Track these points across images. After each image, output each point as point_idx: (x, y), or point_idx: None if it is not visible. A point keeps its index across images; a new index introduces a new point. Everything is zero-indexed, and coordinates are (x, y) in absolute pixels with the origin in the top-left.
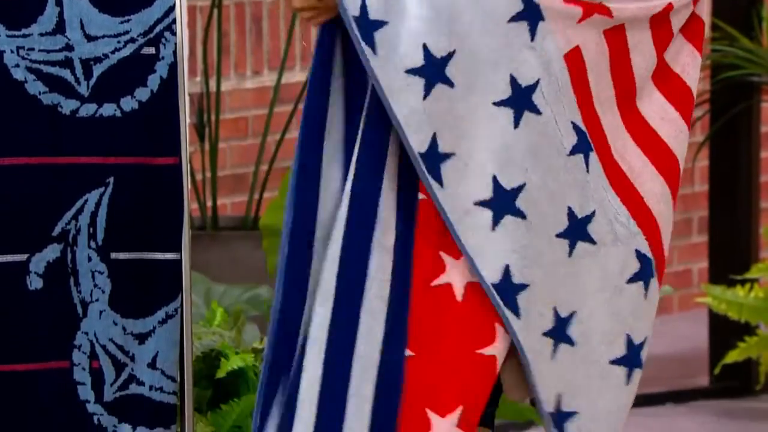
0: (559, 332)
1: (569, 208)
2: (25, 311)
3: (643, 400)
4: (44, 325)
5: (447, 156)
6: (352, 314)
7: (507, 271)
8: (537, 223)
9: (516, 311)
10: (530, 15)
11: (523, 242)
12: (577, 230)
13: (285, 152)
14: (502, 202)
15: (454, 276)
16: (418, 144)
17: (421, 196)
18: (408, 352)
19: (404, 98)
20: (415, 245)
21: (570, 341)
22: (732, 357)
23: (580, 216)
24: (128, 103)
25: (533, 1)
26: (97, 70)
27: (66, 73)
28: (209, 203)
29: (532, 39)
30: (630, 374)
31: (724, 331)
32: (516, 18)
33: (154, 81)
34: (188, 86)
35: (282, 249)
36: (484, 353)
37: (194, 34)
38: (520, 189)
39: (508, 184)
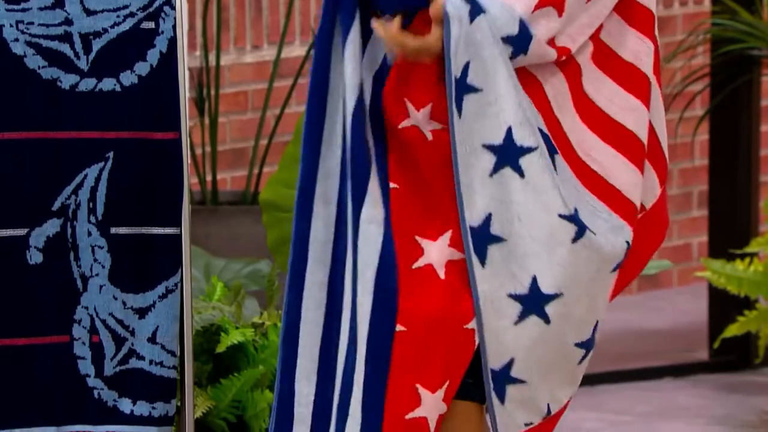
0: (534, 304)
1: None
2: (25, 286)
3: (641, 374)
4: (44, 300)
5: (473, 89)
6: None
7: (488, 219)
8: (535, 188)
9: (482, 259)
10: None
11: (514, 198)
12: (572, 218)
13: (285, 126)
14: (509, 154)
15: (433, 256)
16: (455, 69)
17: (392, 185)
18: (399, 327)
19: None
20: (392, 232)
21: (545, 318)
22: (731, 331)
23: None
24: (128, 78)
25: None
26: (97, 44)
27: (65, 48)
28: (209, 178)
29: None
30: (585, 356)
31: (724, 305)
32: None
33: (153, 55)
34: (188, 61)
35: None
36: (468, 327)
37: (194, 8)
38: (528, 150)
39: (519, 140)
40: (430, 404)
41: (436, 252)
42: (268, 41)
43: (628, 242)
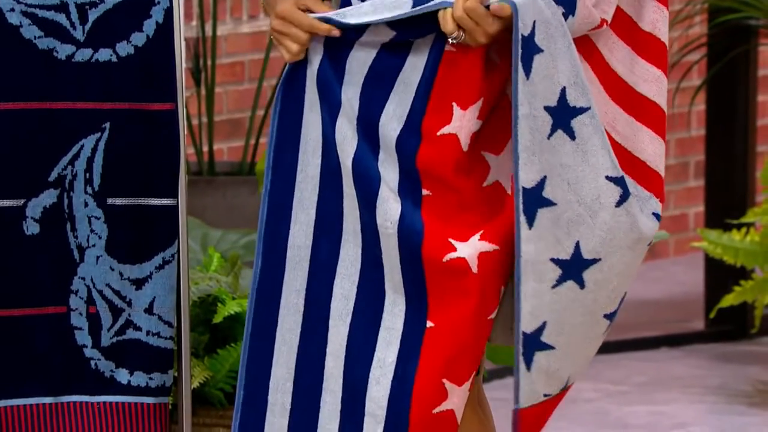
0: (573, 270)
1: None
2: (22, 256)
3: (638, 344)
4: (41, 271)
5: (540, 49)
6: (377, 289)
7: (542, 183)
8: (585, 150)
9: (531, 221)
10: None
11: (564, 161)
12: (620, 180)
13: None
14: (562, 116)
15: (465, 251)
16: (523, 27)
17: (425, 191)
18: (429, 323)
19: None
20: (424, 233)
21: (581, 283)
22: (727, 301)
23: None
24: (124, 48)
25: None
26: (93, 14)
27: (61, 18)
28: (206, 148)
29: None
30: (606, 330)
31: (720, 276)
32: None
33: (149, 26)
34: (184, 31)
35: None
36: (491, 318)
37: None
38: (580, 111)
39: (571, 101)
40: (458, 397)
41: (468, 247)
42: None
43: (656, 214)
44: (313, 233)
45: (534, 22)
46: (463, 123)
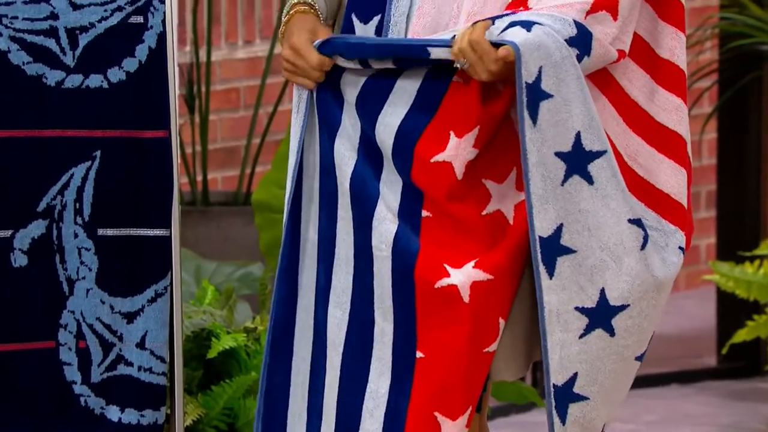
0: (601, 317)
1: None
2: (10, 289)
3: (648, 381)
4: (29, 304)
5: (547, 95)
6: (367, 318)
7: (559, 231)
8: (604, 194)
9: (551, 271)
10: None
11: (583, 207)
12: (640, 223)
13: (278, 125)
14: (578, 161)
15: (458, 278)
16: (527, 74)
17: (425, 213)
18: (418, 354)
19: None
20: (418, 255)
21: (611, 331)
22: (740, 336)
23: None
24: (115, 74)
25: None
26: (83, 39)
27: (51, 43)
28: (199, 178)
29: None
30: (638, 367)
31: (732, 310)
32: None
33: (142, 51)
34: (177, 56)
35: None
36: (488, 351)
37: (183, 2)
38: (596, 155)
39: (587, 145)
40: (452, 431)
41: (461, 275)
42: (260, 36)
43: (681, 248)
44: (317, 258)
45: (540, 68)
46: (458, 151)
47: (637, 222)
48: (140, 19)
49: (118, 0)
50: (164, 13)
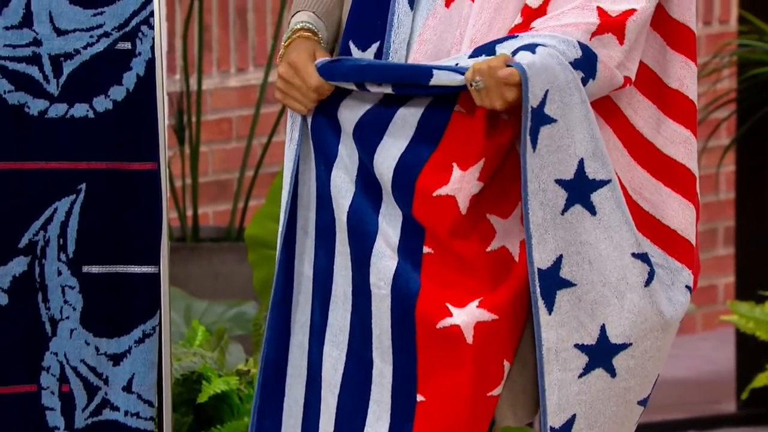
0: (601, 356)
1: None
2: None
3: (663, 428)
4: (9, 346)
5: (550, 120)
6: (365, 358)
7: (558, 262)
8: (607, 225)
9: (550, 305)
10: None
11: (585, 239)
12: (645, 257)
13: (272, 156)
14: (580, 189)
15: (461, 318)
16: (533, 98)
17: (426, 249)
18: (419, 397)
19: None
20: (419, 294)
21: (612, 371)
22: (761, 381)
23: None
24: (102, 103)
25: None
26: (68, 67)
27: (34, 71)
28: (190, 212)
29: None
30: (641, 413)
31: (753, 353)
32: None
33: (129, 79)
34: (167, 85)
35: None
36: (492, 395)
37: (173, 27)
38: (600, 183)
39: (590, 173)
40: None
41: (465, 315)
42: (254, 64)
43: (688, 287)
44: (312, 293)
45: (546, 91)
46: (462, 185)
47: (642, 256)
48: (128, 45)
49: (104, 25)
50: (153, 39)
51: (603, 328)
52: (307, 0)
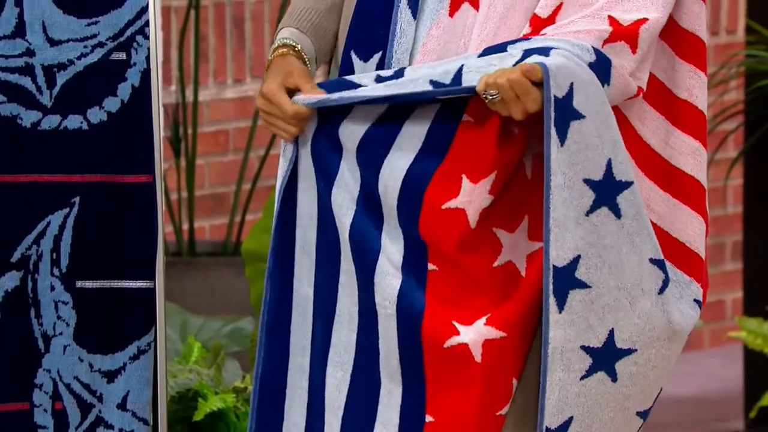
0: (605, 359)
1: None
2: None
3: None
4: (1, 363)
5: (580, 115)
6: (373, 379)
7: (575, 262)
8: (629, 229)
9: (561, 304)
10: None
11: (607, 242)
12: (662, 264)
13: (269, 169)
14: (608, 191)
15: (469, 337)
16: (556, 89)
17: (431, 266)
18: (428, 418)
19: None
20: (425, 312)
21: (613, 376)
22: None
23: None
24: (96, 115)
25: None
26: (61, 77)
27: (26, 81)
28: (185, 226)
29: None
30: (641, 427)
31: (761, 370)
32: None
33: (124, 90)
34: (162, 96)
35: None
36: (501, 414)
37: (169, 37)
38: (625, 185)
39: (617, 174)
40: None
41: (472, 332)
42: (251, 75)
43: (698, 301)
44: (312, 314)
45: (572, 84)
46: (472, 197)
47: (659, 263)
48: (123, 55)
49: (99, 35)
50: (148, 49)
51: (611, 332)
52: (290, 16)
